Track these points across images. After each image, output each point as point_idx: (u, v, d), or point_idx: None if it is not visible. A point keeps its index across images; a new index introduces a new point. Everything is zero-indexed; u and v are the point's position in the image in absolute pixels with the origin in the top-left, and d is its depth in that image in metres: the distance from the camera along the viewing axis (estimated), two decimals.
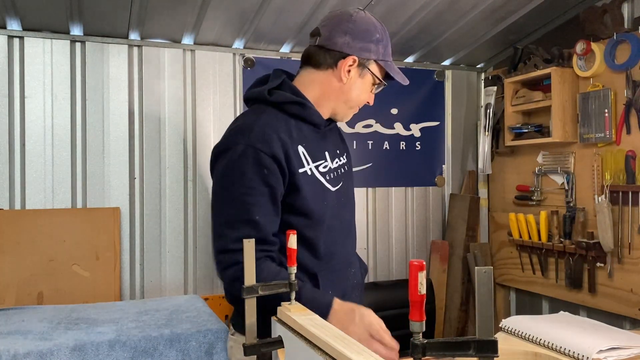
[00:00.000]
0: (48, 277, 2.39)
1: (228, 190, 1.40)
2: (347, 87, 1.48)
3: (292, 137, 1.44)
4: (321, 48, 1.49)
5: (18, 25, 2.37)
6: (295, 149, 1.43)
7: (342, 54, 1.45)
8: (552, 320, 1.65)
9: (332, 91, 1.50)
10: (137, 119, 2.59)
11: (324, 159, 1.51)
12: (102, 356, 1.72)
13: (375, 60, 1.48)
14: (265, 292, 1.14)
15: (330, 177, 1.52)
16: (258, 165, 1.37)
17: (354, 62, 1.46)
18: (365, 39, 1.46)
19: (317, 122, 1.50)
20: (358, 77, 1.48)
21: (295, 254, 1.12)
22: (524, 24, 2.74)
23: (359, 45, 1.45)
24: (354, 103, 1.52)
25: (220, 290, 2.70)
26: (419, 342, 0.69)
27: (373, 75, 1.49)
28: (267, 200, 1.38)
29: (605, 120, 2.34)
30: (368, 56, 1.47)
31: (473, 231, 3.11)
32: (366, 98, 1.53)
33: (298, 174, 1.42)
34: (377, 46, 1.47)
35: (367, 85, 1.51)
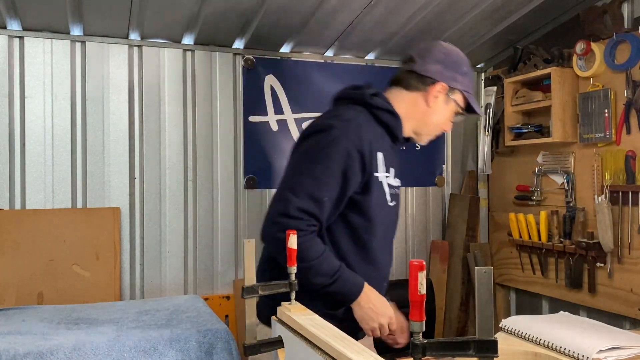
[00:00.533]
0: (48, 277, 2.39)
1: (309, 164, 1.50)
2: (432, 110, 1.61)
3: (378, 142, 1.56)
4: (413, 73, 1.62)
5: (18, 25, 2.37)
6: (376, 154, 1.54)
7: (433, 80, 1.59)
8: (552, 320, 1.65)
9: (417, 112, 1.62)
10: (137, 119, 2.59)
11: (390, 173, 1.63)
12: (101, 356, 1.72)
13: (460, 91, 1.62)
14: (266, 292, 1.14)
15: (391, 192, 1.63)
16: (345, 155, 1.47)
17: (443, 89, 1.59)
18: (455, 69, 1.61)
19: (398, 136, 1.63)
20: (443, 104, 1.62)
21: (295, 254, 1.12)
22: (524, 24, 2.74)
23: (449, 74, 1.60)
24: (433, 127, 1.66)
25: (220, 290, 2.71)
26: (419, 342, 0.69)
27: (456, 104, 1.63)
28: (338, 188, 1.48)
29: (605, 120, 2.34)
30: (455, 85, 1.60)
31: (473, 231, 3.11)
32: (445, 125, 1.67)
33: (373, 177, 1.54)
34: (464, 78, 1.63)
35: (449, 112, 1.64)
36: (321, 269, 1.45)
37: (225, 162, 2.74)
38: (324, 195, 1.47)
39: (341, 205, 1.52)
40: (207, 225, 2.70)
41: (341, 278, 1.48)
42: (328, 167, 1.47)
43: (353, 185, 1.50)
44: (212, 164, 2.72)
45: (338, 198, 1.50)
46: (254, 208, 2.78)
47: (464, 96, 1.63)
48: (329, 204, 1.48)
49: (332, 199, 1.48)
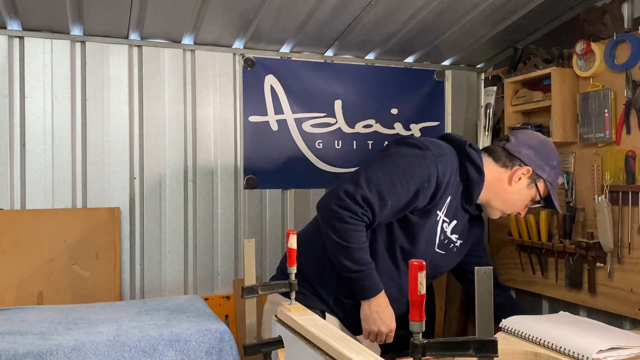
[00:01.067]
0: (48, 277, 2.39)
1: (393, 167, 1.63)
2: (512, 190, 1.73)
3: (452, 186, 1.68)
4: (505, 150, 1.75)
5: (18, 25, 2.37)
6: (446, 195, 1.67)
7: (521, 162, 1.72)
8: (552, 320, 1.65)
9: (497, 186, 1.73)
10: (137, 119, 2.59)
11: (449, 222, 1.73)
12: (101, 356, 1.72)
13: (544, 180, 1.73)
14: (266, 292, 1.14)
15: (442, 238, 1.73)
16: (426, 178, 1.60)
17: (528, 172, 1.72)
18: (545, 160, 1.73)
19: (473, 196, 1.72)
20: (524, 187, 1.73)
21: (295, 254, 1.13)
22: (524, 24, 2.74)
23: (538, 162, 1.72)
24: (508, 206, 1.77)
25: (220, 290, 2.71)
26: (419, 342, 0.69)
27: (537, 192, 1.73)
28: (404, 200, 1.60)
29: (605, 120, 2.34)
30: (541, 174, 1.72)
31: None
32: (519, 208, 1.78)
33: (434, 209, 1.66)
34: (552, 171, 1.74)
35: (528, 196, 1.75)
36: (356, 255, 1.56)
37: (225, 162, 2.74)
38: (390, 198, 1.59)
39: (397, 217, 1.65)
40: (207, 225, 2.70)
41: (366, 273, 1.58)
42: (407, 178, 1.59)
43: (416, 205, 1.63)
44: (212, 164, 2.72)
45: (399, 210, 1.62)
46: (254, 208, 2.78)
47: (547, 187, 1.73)
48: (390, 209, 1.60)
49: (394, 207, 1.60)
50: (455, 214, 1.74)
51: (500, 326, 1.64)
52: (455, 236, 1.78)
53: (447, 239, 1.75)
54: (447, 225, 1.73)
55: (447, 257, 1.81)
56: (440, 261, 1.79)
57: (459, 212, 1.75)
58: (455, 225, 1.75)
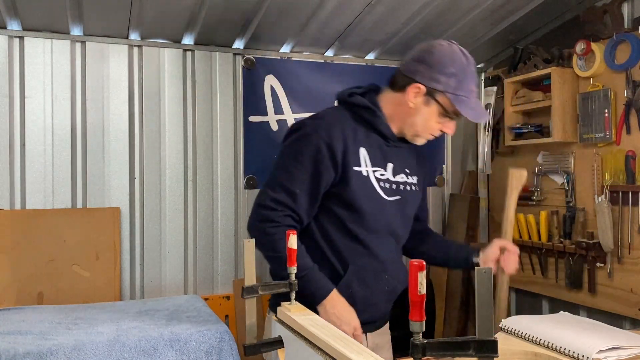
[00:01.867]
0: (48, 277, 2.39)
1: (283, 160, 1.59)
2: (413, 111, 1.58)
3: (357, 138, 1.59)
4: (400, 72, 1.61)
5: (18, 25, 2.37)
6: (357, 149, 1.58)
7: (411, 80, 1.55)
8: (552, 320, 1.65)
9: (400, 112, 1.60)
10: (137, 119, 2.59)
11: (383, 168, 1.63)
12: (101, 356, 1.72)
13: (444, 92, 1.54)
14: (266, 292, 1.14)
15: (385, 186, 1.63)
16: (315, 149, 1.53)
17: (419, 89, 1.55)
18: (438, 70, 1.53)
19: (384, 133, 1.63)
20: (423, 105, 1.57)
21: (295, 254, 1.13)
22: (524, 24, 2.74)
23: (430, 75, 1.54)
24: (420, 129, 1.61)
25: (220, 290, 2.71)
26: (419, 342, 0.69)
27: (439, 106, 1.56)
28: (310, 181, 1.54)
29: (605, 120, 2.34)
30: (435, 87, 1.53)
31: (473, 231, 3.11)
32: (435, 127, 1.61)
33: (352, 170, 1.56)
34: (449, 79, 1.53)
35: (432, 114, 1.58)
36: None
37: (225, 162, 2.74)
38: (296, 187, 1.54)
39: (318, 197, 1.57)
40: (207, 225, 2.70)
41: (308, 278, 1.50)
42: (299, 161, 1.54)
43: (326, 179, 1.55)
44: (212, 164, 2.72)
45: (312, 190, 1.55)
46: None
47: (449, 99, 1.54)
48: (303, 196, 1.54)
49: (306, 191, 1.55)
50: (385, 157, 1.63)
51: (500, 326, 1.63)
52: (401, 176, 1.67)
53: (393, 183, 1.65)
54: (384, 172, 1.63)
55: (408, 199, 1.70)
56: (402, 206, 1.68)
57: (390, 153, 1.65)
58: (395, 167, 1.65)
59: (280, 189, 1.54)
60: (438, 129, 1.61)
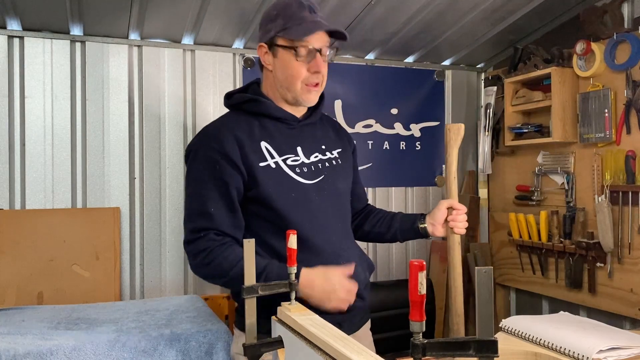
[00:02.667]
0: (48, 277, 2.39)
1: (188, 188, 1.55)
2: (274, 71, 1.57)
3: (254, 134, 1.54)
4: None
5: (18, 25, 2.37)
6: (257, 145, 1.53)
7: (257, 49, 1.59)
8: (552, 320, 1.65)
9: (270, 82, 1.60)
10: (137, 119, 2.59)
11: (294, 153, 1.58)
12: (101, 356, 1.72)
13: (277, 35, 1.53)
14: (266, 292, 1.14)
15: (302, 170, 1.58)
16: (211, 163, 1.49)
17: (263, 47, 1.57)
18: (264, 25, 1.58)
19: (279, 116, 1.59)
20: (273, 59, 1.56)
21: (295, 254, 1.13)
22: (524, 24, 2.74)
23: (262, 32, 1.58)
24: (288, 82, 1.56)
25: (220, 290, 2.70)
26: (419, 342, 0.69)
27: (282, 48, 1.53)
28: (220, 194, 1.49)
29: (605, 120, 2.34)
30: (269, 36, 1.55)
31: (473, 231, 3.11)
32: (297, 71, 1.54)
33: (258, 168, 1.51)
34: (275, 23, 1.54)
35: (287, 61, 1.54)
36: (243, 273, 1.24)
37: None
38: (210, 207, 1.48)
39: (236, 207, 1.51)
40: None
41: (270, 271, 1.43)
42: (202, 181, 1.50)
43: (235, 186, 1.50)
44: None
45: (227, 203, 1.50)
46: None
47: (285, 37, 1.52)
48: (219, 212, 1.48)
49: (220, 207, 1.49)
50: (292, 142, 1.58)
51: (501, 326, 1.63)
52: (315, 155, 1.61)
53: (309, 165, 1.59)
54: (295, 157, 1.57)
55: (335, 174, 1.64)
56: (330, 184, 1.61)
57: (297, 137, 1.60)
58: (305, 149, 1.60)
59: (195, 217, 1.49)
60: (303, 71, 1.54)
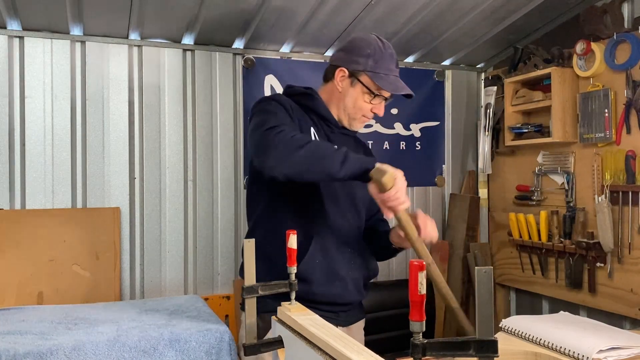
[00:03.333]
0: (48, 277, 2.39)
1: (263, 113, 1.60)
2: (343, 94, 1.71)
3: (305, 120, 1.69)
4: (328, 65, 1.78)
5: (18, 25, 2.37)
6: (308, 126, 1.67)
7: (336, 67, 1.71)
8: (552, 320, 1.65)
9: (333, 98, 1.73)
10: (137, 119, 2.59)
11: None
12: (101, 356, 1.72)
13: (364, 72, 1.67)
14: (266, 292, 1.14)
15: None
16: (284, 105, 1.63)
17: (344, 72, 1.69)
18: (356, 54, 1.68)
19: (326, 117, 1.72)
20: (349, 87, 1.70)
21: (295, 254, 1.13)
22: (524, 24, 2.74)
23: (349, 58, 1.69)
24: (352, 111, 1.72)
25: (220, 290, 2.70)
26: (419, 342, 0.69)
27: (362, 85, 1.68)
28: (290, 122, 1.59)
29: (605, 120, 2.34)
30: (356, 68, 1.67)
31: (473, 231, 3.11)
32: (364, 107, 1.71)
33: None
34: (367, 60, 1.67)
35: (359, 94, 1.69)
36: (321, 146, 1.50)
37: (225, 162, 2.74)
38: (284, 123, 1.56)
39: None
40: (207, 225, 2.70)
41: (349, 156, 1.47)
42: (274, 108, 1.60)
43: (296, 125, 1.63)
44: (212, 164, 2.72)
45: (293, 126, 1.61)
46: None
47: (369, 76, 1.66)
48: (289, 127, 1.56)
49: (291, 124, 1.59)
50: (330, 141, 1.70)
51: (501, 326, 1.63)
52: None
53: None
54: None
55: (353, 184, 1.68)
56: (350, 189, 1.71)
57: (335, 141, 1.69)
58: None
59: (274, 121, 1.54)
60: (368, 109, 1.71)
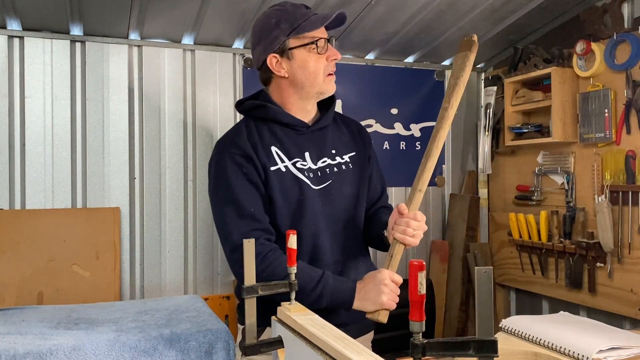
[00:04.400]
0: (48, 277, 2.39)
1: (219, 194, 1.54)
2: (292, 74, 1.56)
3: (264, 139, 1.57)
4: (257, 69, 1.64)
5: (18, 25, 2.37)
6: (269, 150, 1.56)
7: (264, 63, 1.57)
8: (552, 320, 1.65)
9: (285, 89, 1.60)
10: (137, 119, 2.59)
11: (302, 158, 1.60)
12: (101, 356, 1.72)
13: (288, 39, 1.54)
14: (266, 292, 1.14)
15: (310, 175, 1.59)
16: (236, 166, 1.52)
17: (274, 56, 1.55)
18: (265, 37, 1.55)
19: (287, 122, 1.60)
20: (290, 63, 1.55)
21: (295, 254, 1.13)
22: (524, 24, 2.74)
23: (267, 43, 1.55)
24: (313, 76, 1.57)
25: (220, 290, 2.70)
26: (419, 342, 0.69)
27: (298, 49, 1.54)
28: (253, 194, 1.51)
29: (605, 120, 2.34)
30: (278, 43, 1.53)
31: (473, 231, 3.11)
32: (319, 65, 1.56)
33: (270, 171, 1.54)
34: (280, 28, 1.53)
35: (306, 58, 1.55)
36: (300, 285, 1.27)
37: None
38: (249, 208, 1.49)
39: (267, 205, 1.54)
40: (207, 225, 2.70)
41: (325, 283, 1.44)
42: (232, 184, 1.50)
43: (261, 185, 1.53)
44: None
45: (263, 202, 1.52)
46: None
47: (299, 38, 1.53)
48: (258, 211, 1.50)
49: (258, 206, 1.50)
50: (301, 147, 1.59)
51: (501, 326, 1.63)
52: (324, 160, 1.62)
53: (316, 171, 1.59)
54: (303, 162, 1.58)
55: (342, 181, 1.63)
56: (337, 190, 1.61)
57: (305, 142, 1.61)
58: (313, 154, 1.61)
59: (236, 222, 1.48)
60: (324, 62, 1.56)
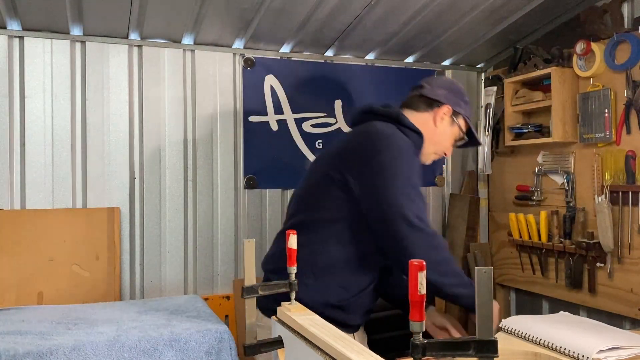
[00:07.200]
0: (48, 277, 2.39)
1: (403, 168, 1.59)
2: (439, 131, 1.78)
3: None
4: (422, 97, 1.80)
5: (18, 25, 2.37)
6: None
7: (439, 103, 1.78)
8: (552, 320, 1.65)
9: (426, 132, 1.75)
10: (137, 118, 2.59)
11: None
12: (101, 356, 1.72)
13: (463, 116, 1.80)
14: (266, 292, 1.14)
15: None
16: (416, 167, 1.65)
17: (448, 111, 1.78)
18: (459, 97, 1.81)
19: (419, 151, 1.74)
20: (448, 126, 1.80)
21: (295, 254, 1.13)
22: (524, 24, 2.74)
23: (454, 99, 1.79)
24: (440, 147, 1.81)
25: (220, 290, 2.70)
26: (419, 342, 0.69)
27: (459, 128, 1.79)
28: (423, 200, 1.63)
29: (605, 120, 2.34)
30: (459, 110, 1.79)
31: (473, 231, 3.11)
32: (447, 148, 1.82)
33: None
34: (467, 106, 1.82)
35: (453, 134, 1.81)
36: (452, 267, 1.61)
37: (225, 162, 2.74)
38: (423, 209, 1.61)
39: None
40: (207, 225, 2.70)
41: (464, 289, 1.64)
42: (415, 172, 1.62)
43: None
44: (212, 164, 2.72)
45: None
46: (254, 208, 2.78)
47: (466, 122, 1.80)
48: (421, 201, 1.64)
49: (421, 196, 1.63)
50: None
51: (501, 326, 1.63)
52: None
53: None
54: None
55: None
56: None
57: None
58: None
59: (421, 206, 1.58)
60: (450, 150, 1.83)
